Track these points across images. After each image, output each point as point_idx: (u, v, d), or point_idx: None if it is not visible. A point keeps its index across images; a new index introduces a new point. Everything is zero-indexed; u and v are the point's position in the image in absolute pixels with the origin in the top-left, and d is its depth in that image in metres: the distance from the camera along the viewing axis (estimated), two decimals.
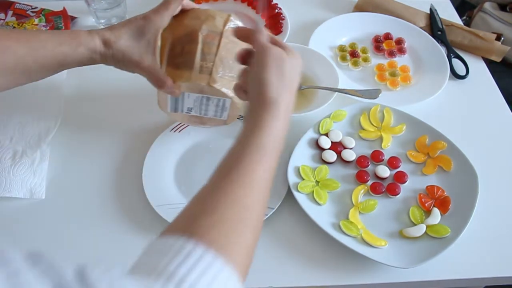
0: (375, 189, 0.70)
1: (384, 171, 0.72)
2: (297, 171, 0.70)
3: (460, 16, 1.05)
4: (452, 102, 0.86)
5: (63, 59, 0.58)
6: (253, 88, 0.52)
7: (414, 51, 0.94)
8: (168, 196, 0.68)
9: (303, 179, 0.70)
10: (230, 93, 0.62)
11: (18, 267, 0.25)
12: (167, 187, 0.70)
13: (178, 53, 0.61)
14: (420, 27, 0.97)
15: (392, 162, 0.73)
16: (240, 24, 0.65)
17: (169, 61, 0.61)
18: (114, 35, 0.58)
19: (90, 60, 0.60)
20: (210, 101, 0.64)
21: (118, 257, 0.64)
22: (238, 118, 0.70)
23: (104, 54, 0.59)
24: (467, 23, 1.28)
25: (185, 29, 0.62)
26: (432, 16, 1.00)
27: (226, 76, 0.62)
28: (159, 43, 0.60)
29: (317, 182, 0.70)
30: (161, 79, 0.60)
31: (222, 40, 0.61)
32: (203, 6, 1.00)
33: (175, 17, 0.63)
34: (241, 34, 0.56)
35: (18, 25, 0.92)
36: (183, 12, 0.63)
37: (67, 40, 0.58)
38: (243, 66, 0.56)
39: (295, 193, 0.67)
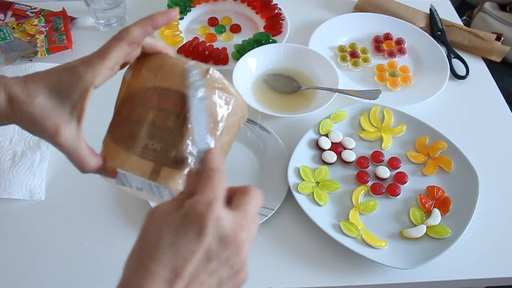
0: (375, 190, 0.70)
1: (384, 171, 0.72)
2: (297, 171, 0.70)
3: (460, 16, 1.05)
4: (452, 102, 0.85)
5: None
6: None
7: (414, 51, 0.94)
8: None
9: (303, 180, 0.70)
10: (180, 187, 0.43)
11: None
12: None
13: (124, 117, 0.44)
14: (420, 27, 0.97)
15: (392, 163, 0.73)
16: (222, 80, 0.45)
17: (111, 126, 0.45)
18: (26, 93, 0.40)
19: None
20: (162, 189, 0.44)
21: (117, 257, 0.64)
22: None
23: (10, 117, 0.41)
24: (467, 23, 1.28)
25: (139, 83, 0.44)
26: (432, 16, 0.99)
27: (183, 163, 0.43)
28: (86, 105, 0.42)
29: (317, 182, 0.70)
30: (81, 161, 0.43)
31: (187, 108, 0.41)
32: (203, 6, 1.00)
33: (138, 59, 0.46)
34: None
35: (18, 25, 0.92)
36: (149, 55, 0.46)
37: None
38: (210, 145, 0.40)
39: (295, 194, 0.67)
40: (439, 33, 0.97)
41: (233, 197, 0.37)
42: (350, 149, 0.74)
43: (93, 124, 0.51)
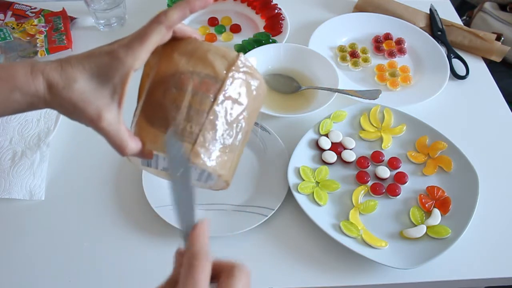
0: (375, 190, 0.70)
1: (384, 171, 0.72)
2: (297, 172, 0.70)
3: (460, 16, 1.05)
4: (452, 102, 0.85)
5: None
6: None
7: (414, 51, 0.94)
8: (168, 197, 0.68)
9: (303, 180, 0.69)
10: (220, 169, 0.44)
11: None
12: (167, 188, 0.69)
13: (157, 101, 0.44)
14: (420, 27, 0.97)
15: (392, 163, 0.73)
16: (251, 66, 0.46)
17: (144, 108, 0.45)
18: (64, 78, 0.40)
19: (31, 107, 0.42)
20: (192, 169, 0.45)
21: (117, 257, 0.64)
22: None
23: (50, 102, 0.41)
24: (467, 23, 1.28)
25: (172, 67, 0.44)
26: (432, 16, 0.99)
27: (218, 145, 0.44)
28: (127, 89, 0.41)
29: (317, 183, 0.70)
30: (121, 144, 0.42)
31: (221, 92, 0.43)
32: None
33: (165, 44, 0.45)
34: None
35: (18, 25, 0.92)
36: (177, 39, 0.46)
37: None
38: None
39: (295, 194, 0.67)
40: (439, 33, 0.97)
41: (219, 280, 0.35)
42: (350, 149, 0.74)
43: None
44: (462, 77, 0.90)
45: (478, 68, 0.92)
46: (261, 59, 0.86)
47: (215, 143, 0.43)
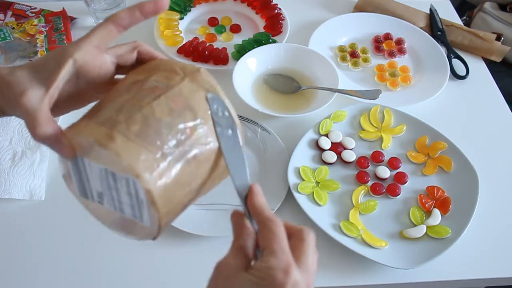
0: (375, 190, 0.70)
1: (384, 171, 0.72)
2: (297, 172, 0.70)
3: (460, 16, 1.05)
4: (452, 102, 0.86)
5: None
6: None
7: (414, 51, 0.94)
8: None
9: (303, 180, 0.70)
10: (143, 169, 0.35)
11: None
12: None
13: (100, 102, 0.42)
14: (420, 27, 0.97)
15: (392, 163, 0.73)
16: (212, 82, 0.42)
17: (86, 113, 0.42)
18: (12, 69, 0.42)
19: None
20: (119, 183, 0.37)
21: (117, 257, 0.64)
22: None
23: None
24: (467, 23, 1.28)
25: (127, 80, 0.42)
26: (432, 16, 0.99)
27: (147, 144, 0.36)
28: (61, 75, 0.40)
29: (317, 183, 0.70)
30: (34, 122, 0.39)
31: (166, 95, 0.39)
32: (203, 6, 1.00)
33: (132, 68, 0.45)
34: None
35: (18, 25, 0.92)
36: (143, 63, 0.45)
37: None
38: (249, 182, 0.39)
39: (295, 194, 0.67)
40: (439, 33, 0.97)
41: (291, 242, 0.37)
42: (350, 149, 0.74)
43: None
44: (462, 77, 0.90)
45: (478, 68, 0.92)
46: (261, 59, 0.86)
47: (142, 139, 0.36)
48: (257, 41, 0.89)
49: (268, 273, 0.34)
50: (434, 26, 0.98)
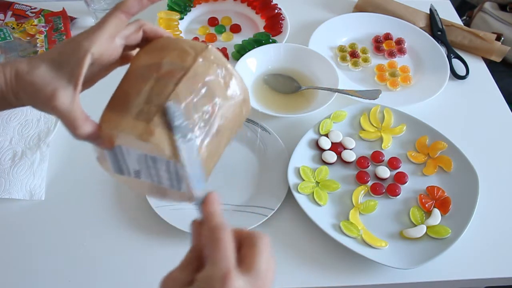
0: (375, 190, 0.70)
1: (384, 171, 0.72)
2: (297, 171, 0.70)
3: (460, 16, 1.05)
4: (452, 102, 0.86)
5: None
6: None
7: (414, 51, 0.94)
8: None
9: (303, 180, 0.70)
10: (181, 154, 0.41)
11: None
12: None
13: (122, 91, 0.44)
14: (420, 27, 0.97)
15: (392, 163, 0.73)
16: (221, 58, 0.45)
17: (110, 102, 0.45)
18: (30, 66, 0.43)
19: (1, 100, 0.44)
20: (158, 164, 0.42)
21: (117, 257, 0.64)
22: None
23: (15, 88, 0.43)
24: (467, 23, 1.28)
25: (141, 62, 0.45)
26: (432, 16, 0.99)
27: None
28: (83, 71, 0.42)
29: (317, 183, 0.70)
30: (74, 123, 0.42)
31: (185, 78, 0.42)
32: (203, 6, 1.00)
33: (141, 46, 0.47)
34: None
35: (18, 25, 0.92)
36: (150, 41, 0.47)
37: None
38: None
39: (295, 194, 0.67)
40: (439, 33, 0.97)
41: (242, 250, 0.36)
42: (350, 149, 0.74)
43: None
44: (462, 77, 0.90)
45: (478, 68, 0.93)
46: (261, 59, 0.86)
47: (174, 127, 0.41)
48: (257, 41, 0.89)
49: (207, 283, 0.33)
50: (434, 26, 0.98)
